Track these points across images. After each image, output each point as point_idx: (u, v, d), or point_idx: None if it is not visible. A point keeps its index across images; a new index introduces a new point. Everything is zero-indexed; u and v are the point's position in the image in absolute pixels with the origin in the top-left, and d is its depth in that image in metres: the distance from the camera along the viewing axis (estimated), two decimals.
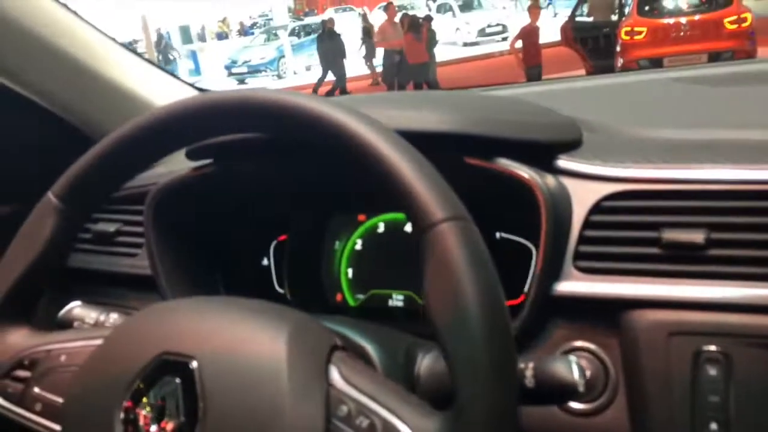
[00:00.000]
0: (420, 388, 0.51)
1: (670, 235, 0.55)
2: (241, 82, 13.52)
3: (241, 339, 0.46)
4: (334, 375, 0.45)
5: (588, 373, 0.57)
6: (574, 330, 0.58)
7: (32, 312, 0.59)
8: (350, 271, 0.81)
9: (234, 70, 13.98)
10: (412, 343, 0.58)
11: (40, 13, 0.81)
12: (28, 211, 0.74)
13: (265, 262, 0.84)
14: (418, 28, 9.16)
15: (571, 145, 0.64)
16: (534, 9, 8.61)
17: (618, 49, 7.67)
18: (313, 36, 15.65)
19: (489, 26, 13.85)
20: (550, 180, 0.60)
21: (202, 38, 19.46)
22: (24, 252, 0.57)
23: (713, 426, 0.51)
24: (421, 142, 0.46)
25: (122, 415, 0.46)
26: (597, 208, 0.58)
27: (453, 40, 13.40)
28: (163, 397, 0.45)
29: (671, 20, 7.48)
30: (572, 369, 0.45)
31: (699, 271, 0.54)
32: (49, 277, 0.59)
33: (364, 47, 11.10)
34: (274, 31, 16.29)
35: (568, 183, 0.60)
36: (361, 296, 0.80)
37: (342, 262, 0.81)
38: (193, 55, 15.37)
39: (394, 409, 0.42)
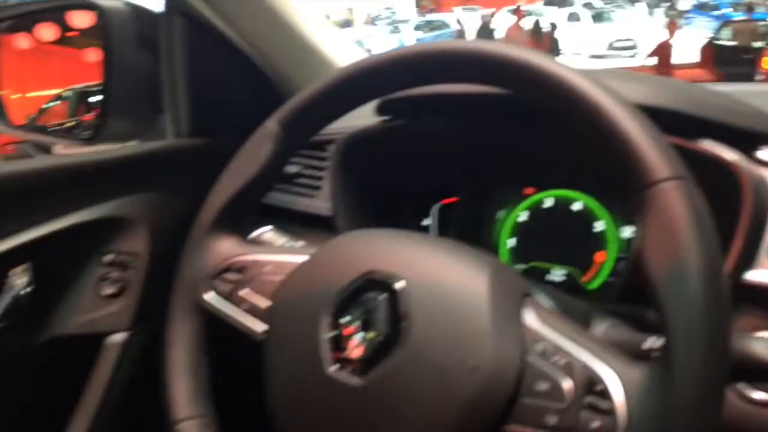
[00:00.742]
0: None
1: None
2: None
3: (447, 269, 0.49)
4: (528, 317, 0.46)
5: None
6: (763, 319, 0.57)
7: (241, 227, 0.65)
8: (511, 241, 0.82)
9: None
10: (587, 309, 0.59)
11: None
12: (219, 144, 0.81)
13: (425, 222, 0.88)
14: (540, 35, 9.04)
15: None
16: (672, 24, 8.27)
17: (758, 77, 7.23)
18: (436, 32, 15.75)
19: (618, 40, 13.40)
20: (753, 168, 0.59)
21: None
22: (243, 170, 0.62)
23: None
24: None
25: (327, 322, 0.50)
26: None
27: (579, 51, 13.05)
28: (367, 312, 0.49)
29: None
30: None
31: None
32: (260, 196, 0.64)
33: None
34: (397, 24, 16.51)
35: None
36: (521, 266, 0.81)
37: (503, 231, 0.83)
38: None
39: (595, 353, 0.43)
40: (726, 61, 7.89)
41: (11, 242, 0.75)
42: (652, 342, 0.51)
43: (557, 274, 0.79)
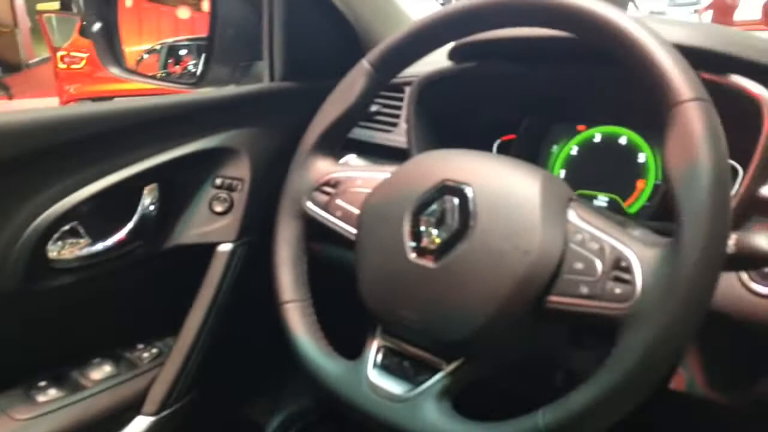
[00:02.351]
0: None
1: None
2: None
3: (506, 176, 0.62)
4: (571, 215, 0.59)
5: None
6: None
7: (335, 149, 0.78)
8: (563, 172, 0.94)
9: None
10: (624, 220, 0.69)
11: None
12: (307, 87, 0.94)
13: None
14: None
15: None
16: None
17: None
18: None
19: None
20: None
21: None
22: (339, 102, 0.76)
23: None
24: None
25: (409, 220, 0.63)
26: None
27: (638, 6, 12.62)
28: (442, 212, 0.62)
29: None
30: None
31: None
32: (352, 125, 0.78)
33: None
34: None
35: None
36: None
37: (556, 163, 0.95)
38: None
39: (621, 239, 0.55)
40: None
41: (144, 165, 0.91)
42: None
43: (602, 200, 0.91)
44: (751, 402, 0.70)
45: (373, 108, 1.01)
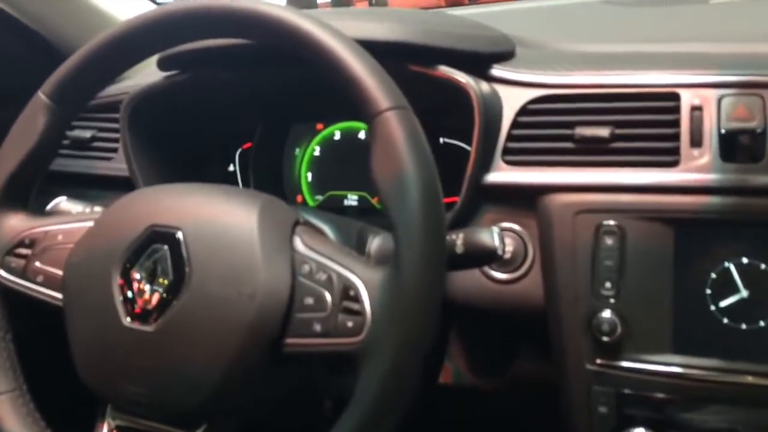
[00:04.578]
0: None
1: (582, 131, 0.65)
2: None
3: (219, 212, 0.54)
4: (297, 243, 0.53)
5: (511, 248, 0.67)
6: (500, 213, 0.68)
7: (28, 201, 0.66)
8: (309, 175, 0.89)
9: None
10: (363, 227, 0.67)
11: None
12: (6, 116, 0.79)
13: (231, 168, 0.92)
14: None
15: (504, 57, 0.73)
16: None
17: None
18: None
19: None
20: (484, 86, 0.69)
21: None
22: (18, 146, 0.63)
23: (607, 284, 0.62)
24: (373, 49, 0.53)
25: (118, 278, 0.54)
26: (523, 111, 0.67)
27: None
28: (154, 262, 0.53)
29: None
30: (494, 237, 0.54)
31: (603, 160, 0.64)
32: (43, 169, 0.66)
33: None
34: None
35: (500, 89, 0.69)
36: (319, 197, 0.89)
37: (302, 166, 0.90)
38: None
39: (347, 265, 0.51)
40: None
41: None
42: None
43: (352, 199, 0.87)
44: (509, 382, 0.71)
45: (87, 134, 0.88)
